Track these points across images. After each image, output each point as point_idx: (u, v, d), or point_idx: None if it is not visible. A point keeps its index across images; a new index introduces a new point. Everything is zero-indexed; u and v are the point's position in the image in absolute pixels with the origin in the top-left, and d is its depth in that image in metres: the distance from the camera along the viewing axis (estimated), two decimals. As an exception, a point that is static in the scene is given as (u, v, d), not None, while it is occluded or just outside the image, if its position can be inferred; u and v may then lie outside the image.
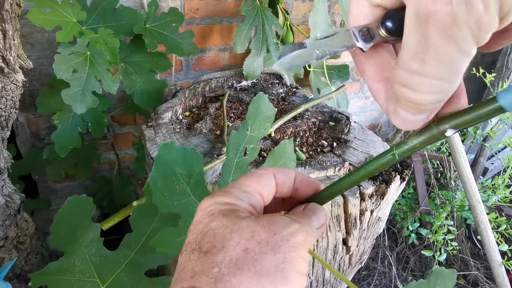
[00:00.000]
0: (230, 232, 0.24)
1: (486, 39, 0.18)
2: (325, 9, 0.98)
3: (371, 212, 0.70)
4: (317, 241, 0.70)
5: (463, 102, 0.23)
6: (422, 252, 1.47)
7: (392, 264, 1.52)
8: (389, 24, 0.22)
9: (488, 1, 0.16)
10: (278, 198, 0.32)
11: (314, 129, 0.87)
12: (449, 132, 0.23)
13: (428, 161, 1.62)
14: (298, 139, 0.84)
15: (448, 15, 0.17)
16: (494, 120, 1.78)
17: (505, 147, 1.86)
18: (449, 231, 1.46)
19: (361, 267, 0.92)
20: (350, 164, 0.74)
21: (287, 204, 0.32)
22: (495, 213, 1.49)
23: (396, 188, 0.71)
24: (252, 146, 0.55)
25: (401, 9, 0.21)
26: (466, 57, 0.18)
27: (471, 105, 0.22)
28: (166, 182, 0.49)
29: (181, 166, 0.50)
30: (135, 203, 0.64)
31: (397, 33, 0.22)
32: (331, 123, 0.89)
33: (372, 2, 0.22)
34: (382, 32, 0.22)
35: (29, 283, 0.53)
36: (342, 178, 0.30)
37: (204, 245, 0.24)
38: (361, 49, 0.23)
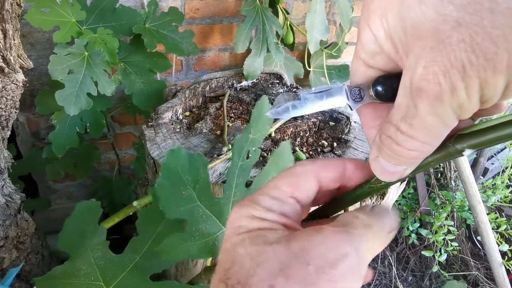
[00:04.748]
0: (256, 265, 0.21)
1: (467, 116, 0.21)
2: (322, 10, 0.98)
3: (371, 212, 0.70)
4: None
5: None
6: (422, 252, 1.47)
7: (392, 264, 1.52)
8: (379, 88, 0.24)
9: (470, 92, 0.19)
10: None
11: (314, 129, 0.87)
12: (466, 152, 0.22)
13: (428, 161, 1.62)
14: (298, 139, 0.84)
15: (436, 95, 0.19)
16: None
17: (505, 147, 1.86)
18: (449, 231, 1.46)
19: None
20: (350, 164, 0.74)
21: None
22: (495, 213, 1.49)
23: (396, 188, 0.71)
24: (254, 149, 0.55)
25: (393, 76, 0.23)
26: (448, 128, 0.21)
27: (491, 123, 0.22)
28: (173, 188, 0.49)
29: (187, 172, 0.50)
30: (135, 203, 0.64)
31: (385, 98, 0.24)
32: (332, 123, 0.89)
33: (367, 62, 0.24)
34: (372, 94, 0.24)
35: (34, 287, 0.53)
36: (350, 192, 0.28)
37: (231, 278, 0.21)
38: (350, 106, 0.25)
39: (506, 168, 1.51)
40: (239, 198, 0.53)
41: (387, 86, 0.23)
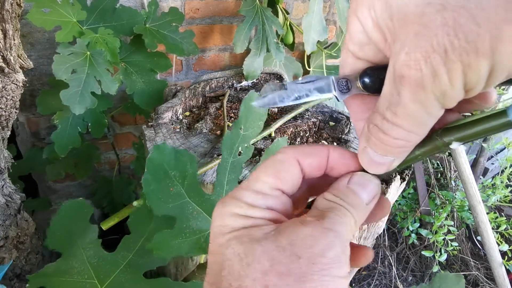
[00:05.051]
0: (246, 265, 0.20)
1: (452, 105, 0.20)
2: (320, 11, 0.97)
3: (371, 212, 0.70)
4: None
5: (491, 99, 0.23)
6: (422, 252, 1.47)
7: (392, 264, 1.52)
8: (366, 80, 0.23)
9: (453, 77, 0.18)
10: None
11: (314, 129, 0.87)
12: (454, 145, 0.22)
13: (428, 161, 1.62)
14: (299, 139, 0.84)
15: (418, 81, 0.19)
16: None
17: (505, 147, 1.85)
18: (449, 231, 1.46)
19: (361, 267, 0.92)
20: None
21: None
22: (495, 213, 1.49)
23: (396, 188, 0.71)
24: (246, 145, 0.55)
25: (381, 67, 0.23)
26: (432, 117, 0.20)
27: (478, 116, 0.21)
28: (160, 184, 0.49)
29: (174, 168, 0.50)
30: (135, 203, 0.64)
31: (372, 89, 0.23)
32: (331, 123, 0.89)
33: (355, 54, 0.23)
34: (359, 86, 0.24)
35: (27, 285, 0.53)
36: None
37: (222, 281, 0.21)
38: (336, 98, 0.25)
39: (505, 168, 1.51)
40: None
41: (374, 77, 0.23)
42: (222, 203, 0.24)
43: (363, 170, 0.26)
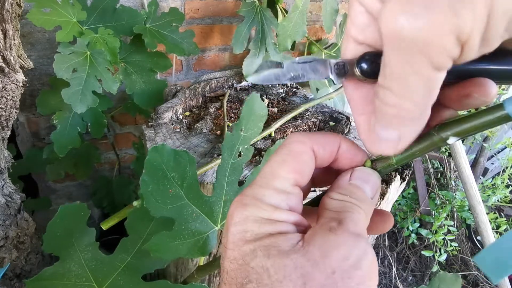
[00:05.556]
0: (277, 282, 0.19)
1: (445, 64, 0.17)
2: (303, 15, 0.95)
3: (371, 212, 0.70)
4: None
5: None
6: (422, 252, 1.48)
7: (392, 264, 1.52)
8: (364, 65, 0.23)
9: (436, 25, 0.15)
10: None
11: (314, 129, 0.87)
12: (451, 140, 0.22)
13: (428, 161, 1.62)
14: (298, 139, 0.84)
15: (394, 36, 0.17)
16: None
17: (506, 147, 1.86)
18: (449, 231, 1.46)
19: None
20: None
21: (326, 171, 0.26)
22: (495, 213, 1.49)
23: (396, 188, 0.71)
24: (246, 146, 0.54)
25: (381, 53, 0.22)
26: (423, 78, 0.18)
27: (475, 111, 0.21)
28: (158, 186, 0.48)
29: (172, 169, 0.49)
30: (135, 203, 0.64)
31: (370, 74, 0.22)
32: (332, 123, 0.89)
33: (356, 38, 0.22)
34: (357, 71, 0.23)
35: None
36: None
37: None
38: (333, 81, 0.24)
39: (506, 168, 1.51)
40: (230, 197, 0.53)
41: (372, 62, 0.22)
42: (241, 205, 0.22)
43: (363, 165, 0.25)
